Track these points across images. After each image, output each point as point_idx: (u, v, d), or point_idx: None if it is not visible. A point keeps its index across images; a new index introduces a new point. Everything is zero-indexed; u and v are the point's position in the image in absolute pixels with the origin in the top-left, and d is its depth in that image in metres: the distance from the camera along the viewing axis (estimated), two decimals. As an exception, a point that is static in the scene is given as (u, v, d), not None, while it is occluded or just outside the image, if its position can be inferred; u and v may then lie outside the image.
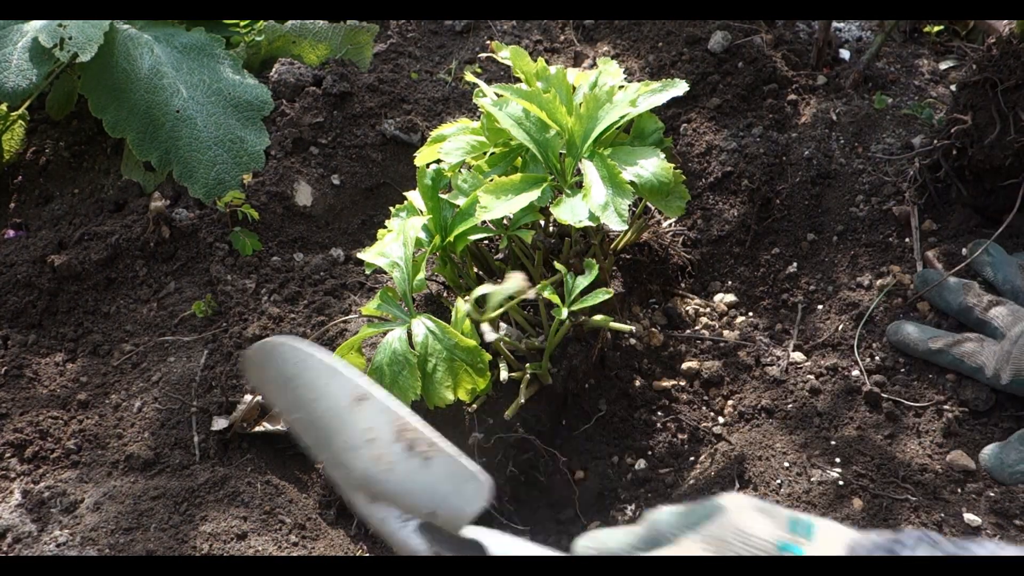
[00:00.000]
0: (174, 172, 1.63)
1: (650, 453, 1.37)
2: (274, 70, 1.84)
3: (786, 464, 1.30)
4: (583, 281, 1.18)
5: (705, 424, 1.38)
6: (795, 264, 1.60)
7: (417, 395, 1.16)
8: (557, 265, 1.23)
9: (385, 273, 1.47)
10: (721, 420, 1.39)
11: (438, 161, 1.35)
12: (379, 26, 1.97)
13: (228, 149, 1.65)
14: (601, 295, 1.17)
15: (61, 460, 1.37)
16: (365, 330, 1.26)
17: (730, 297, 1.59)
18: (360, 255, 1.34)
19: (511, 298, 1.20)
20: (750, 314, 1.57)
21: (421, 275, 1.27)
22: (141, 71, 1.66)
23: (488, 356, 1.19)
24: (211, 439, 1.39)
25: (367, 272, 1.58)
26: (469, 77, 1.39)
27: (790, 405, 1.39)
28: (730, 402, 1.42)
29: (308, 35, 1.87)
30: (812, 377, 1.42)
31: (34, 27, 1.61)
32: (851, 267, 1.56)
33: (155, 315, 1.57)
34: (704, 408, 1.41)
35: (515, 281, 1.18)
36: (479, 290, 1.22)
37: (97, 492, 1.31)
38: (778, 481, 1.28)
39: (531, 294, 1.17)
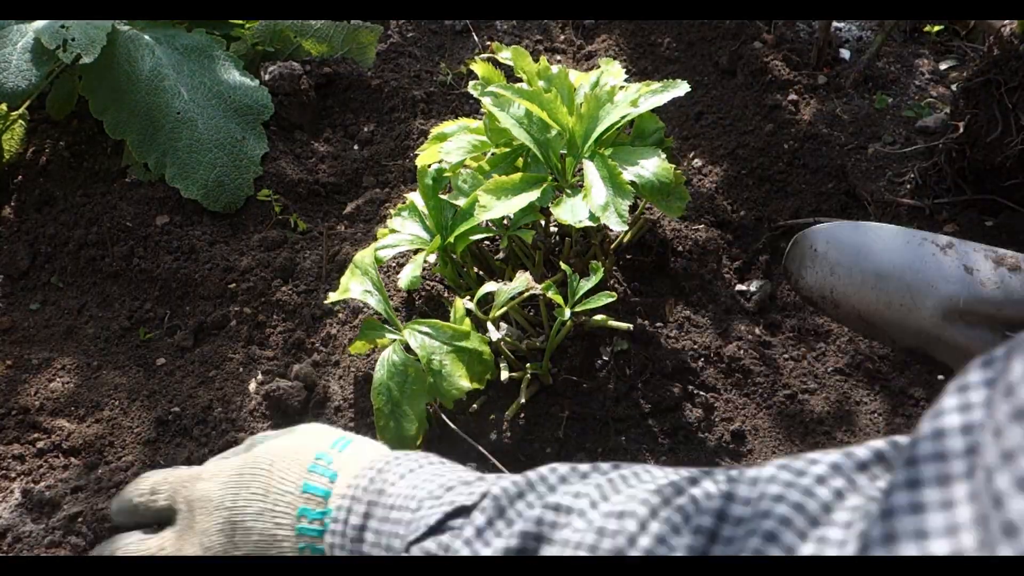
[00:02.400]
0: (166, 174, 1.62)
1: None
2: (273, 69, 1.84)
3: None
4: (587, 283, 1.18)
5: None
6: (796, 264, 1.60)
7: (431, 397, 1.16)
8: (563, 266, 1.22)
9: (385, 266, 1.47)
10: (718, 411, 1.39)
11: (440, 161, 1.35)
12: (381, 26, 1.97)
13: (228, 152, 1.65)
14: (604, 298, 1.17)
15: (62, 460, 1.37)
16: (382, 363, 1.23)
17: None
18: (331, 297, 1.31)
19: (513, 298, 1.20)
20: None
21: (416, 273, 1.27)
22: (142, 73, 1.66)
23: (488, 348, 1.19)
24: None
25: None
26: (477, 69, 1.38)
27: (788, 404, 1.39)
28: (728, 400, 1.42)
29: (309, 34, 1.87)
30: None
31: (35, 27, 1.61)
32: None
33: (156, 315, 1.57)
34: (704, 400, 1.41)
35: (523, 280, 1.18)
36: (484, 288, 1.22)
37: (99, 492, 1.31)
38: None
39: (538, 290, 1.17)
